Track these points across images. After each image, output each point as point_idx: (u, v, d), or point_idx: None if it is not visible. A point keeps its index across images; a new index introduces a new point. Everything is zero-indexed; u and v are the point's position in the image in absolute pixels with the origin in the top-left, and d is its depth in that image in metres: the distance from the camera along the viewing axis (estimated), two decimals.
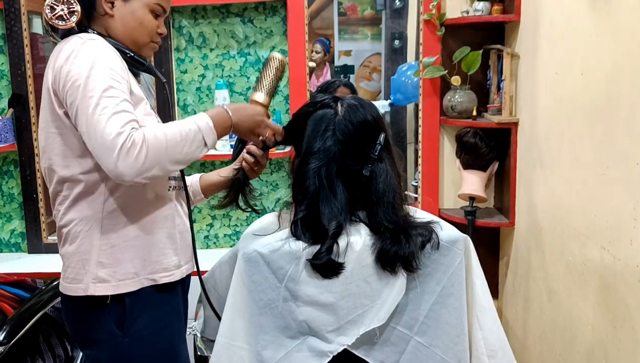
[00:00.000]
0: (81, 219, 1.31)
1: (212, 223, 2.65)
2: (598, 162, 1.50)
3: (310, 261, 1.22)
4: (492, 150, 2.32)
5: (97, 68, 1.20)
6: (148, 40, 1.38)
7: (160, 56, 2.45)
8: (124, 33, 1.34)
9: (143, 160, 1.16)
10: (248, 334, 1.25)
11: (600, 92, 1.48)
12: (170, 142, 1.20)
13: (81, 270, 1.31)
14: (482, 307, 1.32)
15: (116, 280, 1.31)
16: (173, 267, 1.38)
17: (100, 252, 1.31)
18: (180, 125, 1.24)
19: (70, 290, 1.34)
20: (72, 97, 1.20)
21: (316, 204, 1.25)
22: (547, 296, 1.89)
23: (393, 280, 1.25)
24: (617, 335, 1.42)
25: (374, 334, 1.26)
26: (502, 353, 1.32)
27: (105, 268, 1.31)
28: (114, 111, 1.17)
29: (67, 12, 1.29)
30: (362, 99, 1.35)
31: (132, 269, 1.32)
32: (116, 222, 1.31)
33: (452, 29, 2.33)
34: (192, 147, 1.23)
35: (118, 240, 1.31)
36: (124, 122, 1.16)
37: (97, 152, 1.17)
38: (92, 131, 1.17)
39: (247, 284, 1.25)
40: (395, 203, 1.27)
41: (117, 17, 1.33)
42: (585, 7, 1.57)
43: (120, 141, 1.14)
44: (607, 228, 1.46)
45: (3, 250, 2.67)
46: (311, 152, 1.28)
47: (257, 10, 2.47)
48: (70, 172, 1.29)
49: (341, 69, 3.35)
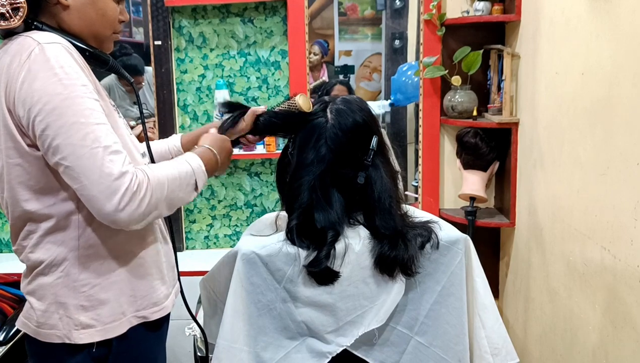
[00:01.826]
0: (53, 259, 1.12)
1: (212, 223, 2.65)
2: (598, 162, 1.50)
3: (307, 268, 1.22)
4: (493, 150, 2.31)
5: (71, 84, 1.01)
6: (110, 32, 1.18)
7: (160, 56, 2.45)
8: (82, 26, 1.12)
9: (145, 206, 1.03)
10: (247, 336, 1.25)
11: (601, 92, 1.48)
12: (170, 187, 1.09)
13: (54, 314, 1.13)
14: (484, 306, 1.32)
15: (102, 324, 1.14)
16: (163, 298, 1.24)
17: (79, 294, 1.13)
18: (178, 167, 1.12)
19: (40, 336, 1.15)
20: (43, 123, 1.00)
21: (310, 212, 1.24)
22: (548, 296, 1.89)
23: (392, 281, 1.25)
24: (617, 335, 1.42)
25: (373, 335, 1.26)
26: (505, 351, 1.32)
27: (88, 311, 1.13)
28: (107, 143, 1.01)
29: (9, 9, 1.05)
30: (350, 102, 1.30)
31: (118, 309, 1.16)
32: (95, 258, 1.13)
33: (452, 29, 2.32)
34: (185, 191, 1.13)
35: (99, 278, 1.14)
36: (123, 159, 1.02)
37: (90, 193, 1.00)
38: (84, 168, 1.00)
39: (246, 286, 1.24)
40: (392, 209, 1.26)
41: (74, 8, 1.11)
42: (585, 7, 1.56)
43: (124, 183, 1.00)
44: (607, 228, 1.46)
45: (3, 250, 2.67)
46: (303, 164, 1.26)
47: (257, 10, 2.47)
48: (36, 207, 1.10)
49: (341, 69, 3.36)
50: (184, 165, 1.13)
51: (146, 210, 1.04)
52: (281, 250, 1.23)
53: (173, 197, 1.10)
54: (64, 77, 1.01)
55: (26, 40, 1.05)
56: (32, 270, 1.15)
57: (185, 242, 2.64)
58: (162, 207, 1.08)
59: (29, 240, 1.14)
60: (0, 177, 1.11)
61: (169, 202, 1.10)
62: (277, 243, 1.24)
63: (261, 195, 2.59)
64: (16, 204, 1.11)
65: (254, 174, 2.56)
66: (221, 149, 1.26)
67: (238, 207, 2.62)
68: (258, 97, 2.53)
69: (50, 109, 1.00)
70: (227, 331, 1.24)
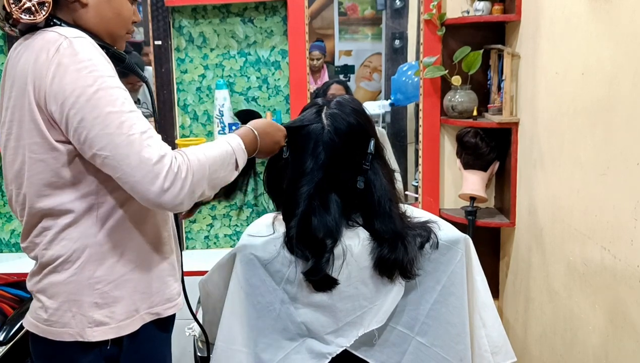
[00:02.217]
0: (69, 256, 1.11)
1: (212, 223, 2.64)
2: (599, 162, 1.50)
3: (305, 276, 1.21)
4: (493, 150, 2.31)
5: (100, 75, 1.03)
6: (124, 32, 1.20)
7: (160, 56, 2.45)
8: (99, 24, 1.14)
9: (188, 186, 1.04)
10: (246, 337, 1.25)
11: (601, 92, 1.48)
12: (212, 167, 1.09)
13: (67, 312, 1.12)
14: (485, 305, 1.32)
15: (116, 322, 1.14)
16: (176, 294, 1.24)
17: (94, 291, 1.12)
18: (217, 147, 1.13)
19: (52, 334, 1.14)
20: (78, 116, 1.01)
21: (308, 220, 1.23)
22: (548, 296, 1.89)
23: (391, 283, 1.25)
24: (617, 336, 1.42)
25: (373, 335, 1.26)
26: (505, 350, 1.33)
27: (102, 309, 1.13)
28: (143, 129, 1.03)
29: (36, 3, 1.06)
30: (343, 104, 1.29)
31: (131, 306, 1.16)
32: (111, 255, 1.13)
33: (452, 29, 2.32)
34: (226, 170, 1.14)
35: (113, 275, 1.14)
36: (159, 143, 1.03)
37: (133, 179, 1.01)
38: (123, 155, 1.00)
39: (245, 287, 1.24)
40: (392, 212, 1.25)
41: (92, 6, 1.12)
42: (585, 7, 1.56)
43: (165, 166, 1.01)
44: (607, 228, 1.46)
45: (3, 250, 2.67)
46: (301, 172, 1.25)
47: (258, 10, 2.47)
48: (55, 202, 1.10)
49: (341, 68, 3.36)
50: (224, 145, 1.14)
51: (189, 191, 1.04)
52: (280, 251, 1.23)
53: (215, 177, 1.11)
54: (94, 69, 1.03)
55: (51, 34, 1.05)
56: (44, 267, 1.14)
57: (185, 242, 2.64)
58: (205, 186, 1.08)
59: (42, 237, 1.13)
60: (19, 172, 1.11)
61: (212, 182, 1.10)
62: (276, 244, 1.24)
63: (261, 195, 2.59)
64: (34, 200, 1.11)
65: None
66: (265, 133, 1.25)
67: (238, 207, 2.62)
68: (258, 97, 2.53)
69: (84, 101, 1.01)
70: (225, 333, 1.24)
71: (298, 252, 1.22)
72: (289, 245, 1.24)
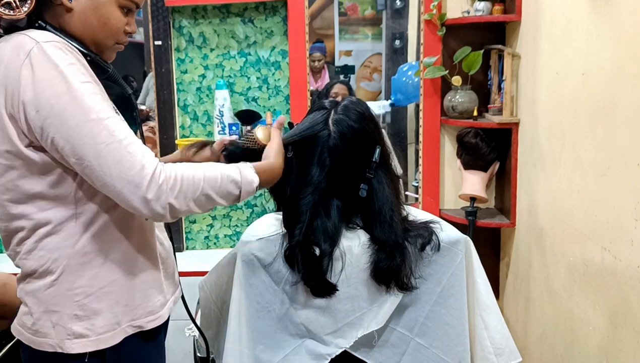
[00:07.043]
0: (48, 266, 1.08)
1: (212, 223, 2.64)
2: (599, 163, 1.50)
3: (304, 281, 1.21)
4: (493, 151, 2.31)
5: (74, 82, 0.99)
6: (112, 42, 1.13)
7: (160, 56, 2.45)
8: (83, 31, 1.09)
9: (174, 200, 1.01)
10: (247, 337, 1.25)
11: (601, 92, 1.48)
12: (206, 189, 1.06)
13: (47, 322, 1.10)
14: (486, 307, 1.32)
15: (95, 335, 1.11)
16: (159, 307, 1.20)
17: (73, 303, 1.09)
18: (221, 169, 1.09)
19: (34, 343, 1.12)
20: (54, 127, 0.98)
21: (310, 228, 1.21)
22: (548, 297, 1.89)
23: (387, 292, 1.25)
24: (617, 336, 1.42)
25: (372, 337, 1.26)
26: (508, 351, 1.32)
27: (82, 321, 1.10)
28: (121, 136, 0.99)
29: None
30: (350, 109, 1.25)
31: (112, 319, 1.12)
32: (90, 266, 1.10)
33: (452, 29, 2.32)
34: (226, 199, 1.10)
35: (93, 287, 1.10)
36: (141, 150, 1.00)
37: (115, 189, 0.99)
38: (103, 166, 0.98)
39: (245, 287, 1.24)
40: (392, 222, 1.23)
41: (77, 11, 1.07)
42: (586, 7, 1.56)
43: (146, 176, 0.98)
44: (608, 228, 1.46)
45: (3, 250, 2.67)
46: (308, 180, 1.22)
47: (258, 10, 2.47)
48: (31, 211, 1.06)
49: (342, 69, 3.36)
50: (232, 170, 1.10)
51: (177, 205, 1.01)
52: (280, 252, 1.23)
53: (208, 201, 1.07)
54: (67, 75, 0.99)
55: (22, 39, 1.01)
56: (25, 276, 1.12)
57: (185, 242, 2.64)
58: (193, 206, 1.05)
59: (22, 246, 1.10)
60: None
61: (203, 204, 1.07)
62: (277, 245, 1.24)
63: (261, 195, 2.59)
64: (11, 207, 1.08)
65: None
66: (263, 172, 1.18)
67: (238, 207, 2.61)
68: (258, 97, 2.53)
69: (58, 111, 0.97)
70: (233, 333, 1.23)
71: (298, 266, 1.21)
72: (289, 261, 1.22)
